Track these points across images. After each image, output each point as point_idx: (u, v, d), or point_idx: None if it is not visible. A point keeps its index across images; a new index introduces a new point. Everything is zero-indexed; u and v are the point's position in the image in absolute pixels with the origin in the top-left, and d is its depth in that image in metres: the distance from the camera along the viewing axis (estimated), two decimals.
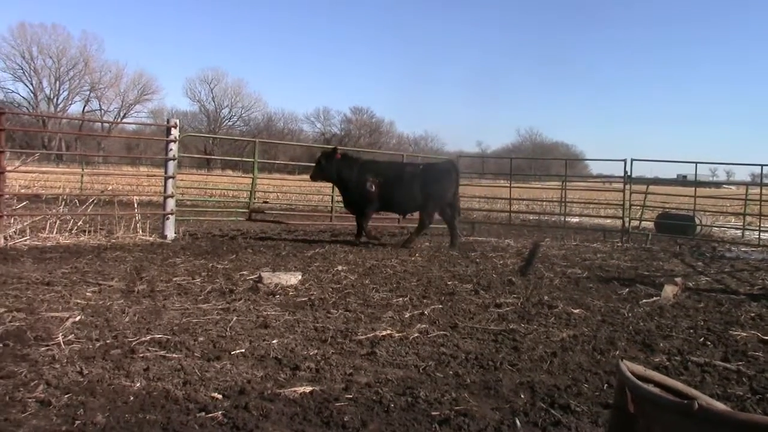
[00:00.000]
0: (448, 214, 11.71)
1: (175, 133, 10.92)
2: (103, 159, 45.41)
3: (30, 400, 3.31)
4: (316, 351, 4.45)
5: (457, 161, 16.44)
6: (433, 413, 3.37)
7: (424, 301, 6.39)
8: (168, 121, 11.20)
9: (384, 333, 4.97)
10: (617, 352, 4.75)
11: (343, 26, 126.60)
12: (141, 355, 4.17)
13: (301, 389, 3.61)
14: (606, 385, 3.99)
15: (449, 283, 7.54)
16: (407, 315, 5.68)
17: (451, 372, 4.12)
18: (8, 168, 10.07)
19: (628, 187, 14.56)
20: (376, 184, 11.16)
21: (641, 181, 15.98)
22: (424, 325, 5.31)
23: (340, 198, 12.34)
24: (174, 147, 10.88)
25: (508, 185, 17.04)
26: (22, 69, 72.94)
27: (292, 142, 67.77)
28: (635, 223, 15.77)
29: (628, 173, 14.48)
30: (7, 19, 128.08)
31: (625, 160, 14.42)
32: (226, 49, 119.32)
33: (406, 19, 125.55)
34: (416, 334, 5.00)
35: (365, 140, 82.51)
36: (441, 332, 5.13)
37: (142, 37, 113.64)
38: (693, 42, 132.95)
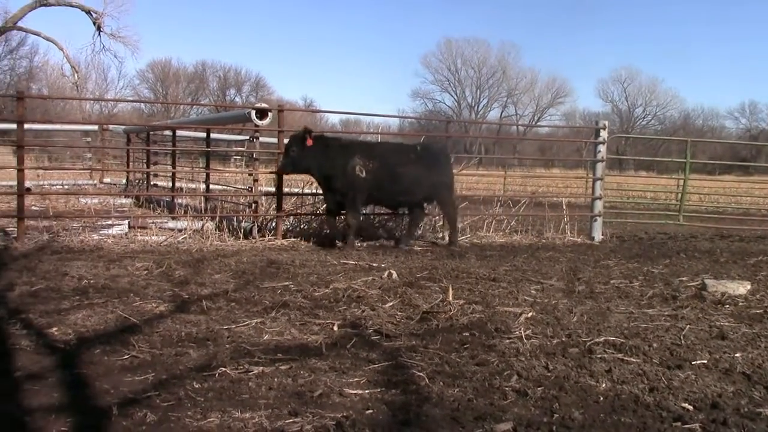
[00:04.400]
0: (420, 206, 9.66)
1: (603, 134, 10.91)
2: (518, 161, 47.36)
3: (507, 388, 3.56)
4: None
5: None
6: None
7: None
8: (596, 123, 11.25)
9: None
10: None
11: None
12: (599, 356, 4.22)
13: None
14: None
15: None
16: None
17: None
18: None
19: None
20: (368, 169, 8.91)
21: None
22: None
23: None
24: (602, 149, 10.89)
25: None
26: (447, 80, 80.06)
27: (723, 140, 62.63)
28: None
29: None
30: (436, 37, 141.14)
31: None
32: (639, 47, 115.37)
33: None
34: None
35: None
36: None
37: (555, 42, 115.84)
38: None
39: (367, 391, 3.48)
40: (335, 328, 4.75)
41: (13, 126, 20.65)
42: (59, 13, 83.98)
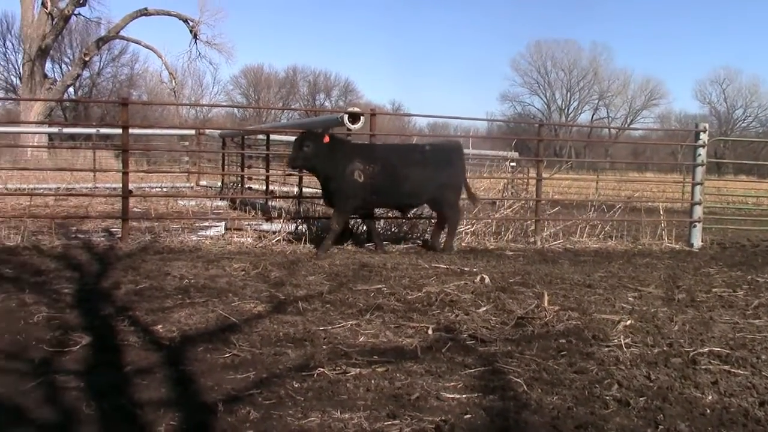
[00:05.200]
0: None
1: (704, 137, 10.53)
2: (610, 165, 46.28)
3: (608, 397, 3.48)
4: None
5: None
6: None
7: None
8: (696, 126, 10.88)
9: None
10: None
11: None
12: (703, 367, 4.08)
13: None
14: None
15: None
16: None
17: None
18: (544, 175, 10.92)
19: None
20: (366, 173, 8.47)
21: None
22: None
23: None
24: (702, 152, 10.52)
25: None
26: (537, 83, 78.87)
27: None
28: None
29: None
30: (526, 39, 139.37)
31: None
32: (738, 47, 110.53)
33: None
34: None
35: None
36: None
37: (650, 43, 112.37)
38: None
39: (464, 396, 3.47)
40: (429, 331, 4.76)
41: (114, 131, 21.60)
42: (158, 22, 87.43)
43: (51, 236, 8.70)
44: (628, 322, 5.12)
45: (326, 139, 8.46)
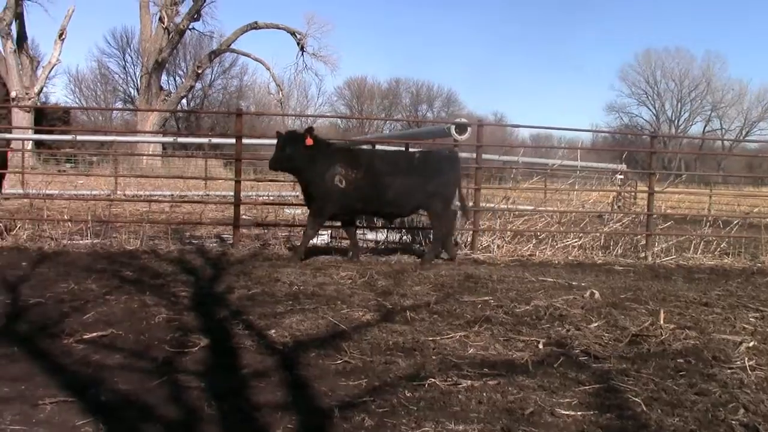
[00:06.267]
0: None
1: None
2: (723, 179, 44.30)
3: (733, 422, 3.33)
4: None
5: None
6: None
7: None
8: None
9: None
10: None
11: None
12: None
13: None
14: None
15: None
16: None
17: None
18: (656, 189, 10.57)
19: None
20: (349, 178, 8.10)
21: None
22: None
23: None
24: None
25: None
26: (645, 93, 76.33)
27: None
28: None
29: None
30: (634, 47, 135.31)
31: None
32: None
33: None
34: None
35: None
36: None
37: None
38: None
39: (579, 413, 3.39)
40: (540, 346, 4.68)
41: (224, 141, 22.32)
42: (266, 35, 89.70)
43: (167, 241, 9.08)
44: (751, 344, 4.88)
45: (309, 141, 8.17)
